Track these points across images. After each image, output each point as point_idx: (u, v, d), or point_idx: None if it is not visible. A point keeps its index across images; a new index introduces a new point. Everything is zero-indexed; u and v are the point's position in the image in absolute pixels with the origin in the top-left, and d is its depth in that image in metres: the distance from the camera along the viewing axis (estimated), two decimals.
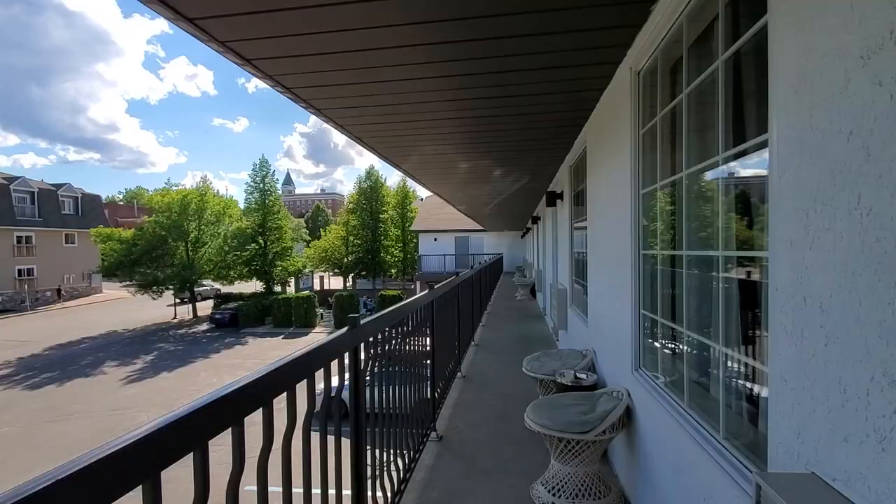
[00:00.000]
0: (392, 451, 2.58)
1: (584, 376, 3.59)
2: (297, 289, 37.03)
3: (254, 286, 35.88)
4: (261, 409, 1.23)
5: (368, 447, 2.21)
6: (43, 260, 38.19)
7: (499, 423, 4.16)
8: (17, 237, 36.52)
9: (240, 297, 32.81)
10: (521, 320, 9.85)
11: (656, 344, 2.53)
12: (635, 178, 2.66)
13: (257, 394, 1.21)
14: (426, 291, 3.45)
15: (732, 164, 1.67)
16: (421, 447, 3.22)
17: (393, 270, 38.82)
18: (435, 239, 26.69)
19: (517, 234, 25.35)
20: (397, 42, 2.60)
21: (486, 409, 4.52)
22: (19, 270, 36.56)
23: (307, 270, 38.65)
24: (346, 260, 38.01)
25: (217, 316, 29.24)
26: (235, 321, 28.76)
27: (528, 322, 9.60)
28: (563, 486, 2.76)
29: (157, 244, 29.60)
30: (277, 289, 35.00)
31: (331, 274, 40.78)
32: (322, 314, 30.33)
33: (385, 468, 2.43)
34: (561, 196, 6.21)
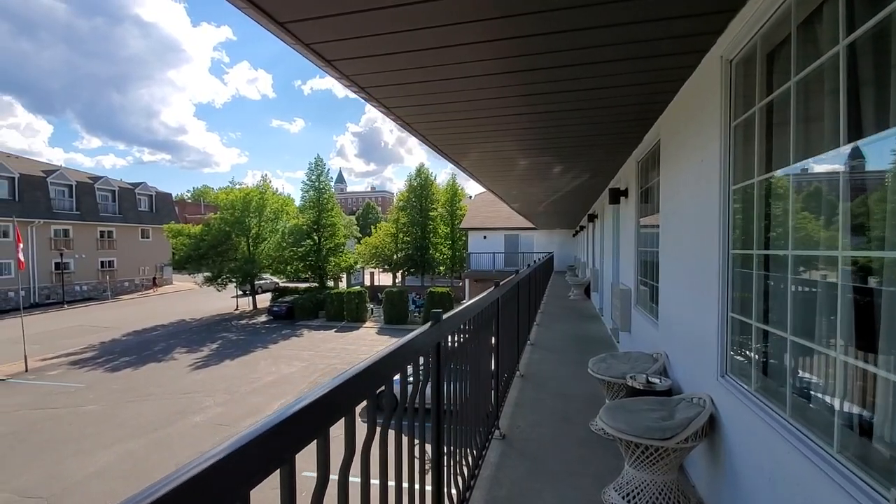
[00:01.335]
0: (461, 448, 2.59)
1: (657, 381, 3.45)
2: (349, 284, 38.14)
3: (308, 281, 37.34)
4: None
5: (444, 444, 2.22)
6: (122, 253, 41.62)
7: (562, 424, 4.07)
8: (101, 232, 40.00)
9: (295, 290, 34.22)
10: (576, 320, 9.61)
11: (748, 350, 2.37)
12: (724, 174, 2.50)
13: (362, 385, 1.23)
14: (492, 289, 3.43)
15: (854, 156, 1.53)
16: (487, 444, 3.21)
17: (441, 268, 39.10)
18: (484, 237, 26.58)
19: (568, 232, 24.79)
20: (472, 38, 2.60)
21: (546, 409, 4.44)
22: (102, 262, 40.03)
23: (358, 266, 39.68)
24: (395, 257, 38.69)
25: (275, 308, 30.63)
26: (291, 314, 30.01)
27: (583, 322, 9.36)
28: (638, 494, 2.66)
29: (222, 239, 31.43)
30: (330, 284, 36.16)
31: (380, 270, 41.65)
32: (372, 309, 31.04)
33: (457, 465, 2.44)
34: (625, 193, 5.99)
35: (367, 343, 23.75)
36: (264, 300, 34.75)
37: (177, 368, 19.55)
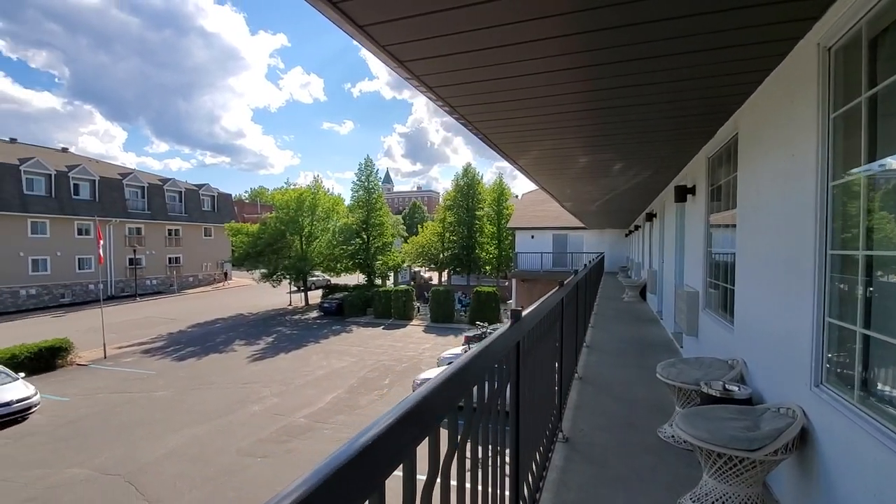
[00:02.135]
0: (531, 450, 2.56)
1: (735, 388, 3.26)
2: (396, 282, 38.80)
3: (357, 278, 38.32)
4: None
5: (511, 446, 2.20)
6: (187, 250, 44.45)
7: (627, 429, 3.94)
8: (168, 230, 42.90)
9: (345, 288, 35.22)
10: (633, 323, 9.29)
11: (850, 358, 2.19)
12: (822, 169, 2.32)
13: (461, 384, 1.23)
14: (557, 289, 3.37)
15: None
16: (552, 447, 3.16)
17: (487, 267, 38.96)
18: (532, 237, 26.21)
19: (620, 232, 23.99)
20: (539, 35, 2.56)
21: (609, 413, 4.31)
22: (169, 258, 42.93)
23: (405, 265, 40.27)
24: (441, 256, 38.94)
25: (325, 305, 31.66)
26: (341, 310, 30.91)
27: (640, 325, 9.03)
28: None
29: (277, 238, 32.87)
30: (378, 282, 36.92)
31: (426, 269, 42.07)
32: (419, 307, 31.40)
33: (526, 466, 2.42)
34: (693, 190, 5.71)
35: (414, 341, 24.06)
36: (315, 297, 36.00)
37: (236, 359, 20.62)
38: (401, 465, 0.88)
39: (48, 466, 10.83)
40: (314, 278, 39.79)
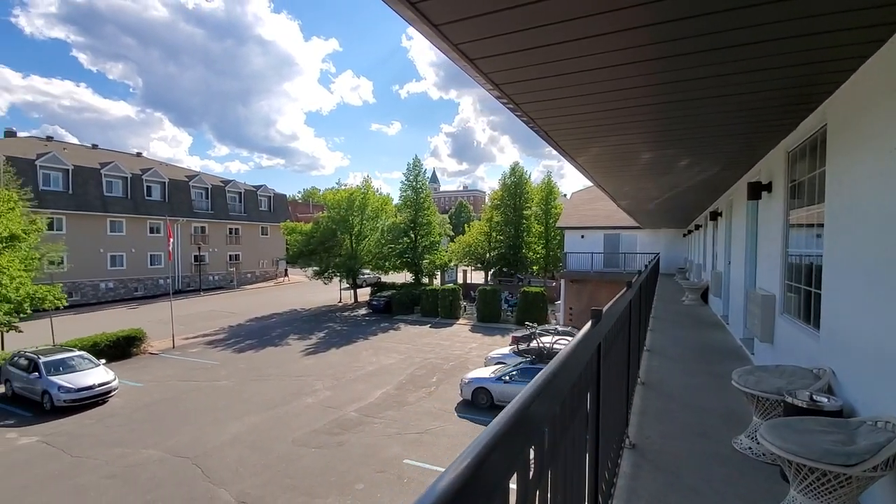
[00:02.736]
0: (602, 457, 2.48)
1: (823, 399, 3.02)
2: (443, 281, 39.03)
3: (404, 277, 38.90)
4: None
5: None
6: (246, 248, 46.89)
7: (698, 438, 3.75)
8: (229, 229, 45.41)
9: (392, 286, 35.85)
10: (695, 327, 8.84)
11: None
12: None
13: (557, 390, 1.19)
14: (625, 290, 3.25)
15: None
16: (621, 453, 3.06)
17: (535, 267, 38.39)
18: (582, 236, 25.53)
19: (677, 232, 22.93)
20: (608, 28, 2.48)
21: (677, 421, 4.12)
22: (230, 256, 45.41)
23: (452, 264, 40.42)
24: (488, 255, 38.77)
25: (374, 302, 32.34)
26: (389, 308, 31.46)
27: (703, 330, 8.58)
28: None
29: (329, 236, 33.95)
30: (425, 280, 37.29)
31: (472, 269, 42.02)
32: (465, 307, 31.42)
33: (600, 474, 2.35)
34: (768, 187, 5.35)
35: (461, 340, 24.11)
36: (364, 294, 36.88)
37: (290, 353, 21.48)
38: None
39: (126, 446, 11.75)
40: (365, 276, 40.84)
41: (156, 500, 9.26)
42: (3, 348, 18.36)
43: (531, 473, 0.94)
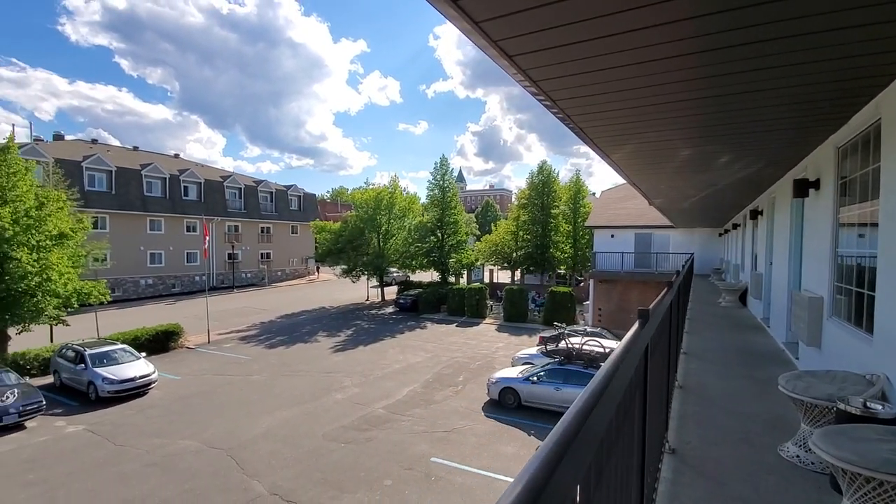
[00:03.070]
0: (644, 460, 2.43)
1: (878, 407, 2.87)
2: (469, 280, 38.98)
3: (430, 276, 39.04)
4: None
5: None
6: (277, 246, 48.04)
7: (741, 445, 3.62)
8: (261, 228, 46.61)
9: (419, 285, 36.04)
10: (734, 330, 8.54)
11: None
12: None
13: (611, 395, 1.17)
14: (666, 290, 3.17)
15: None
16: (661, 457, 2.98)
17: (562, 267, 37.87)
18: (612, 236, 25.04)
19: (712, 231, 22.22)
20: (650, 22, 2.42)
21: (719, 427, 3.99)
22: (261, 254, 46.61)
23: (478, 263, 40.32)
24: (514, 255, 38.49)
25: (401, 301, 32.58)
26: (416, 306, 31.63)
27: (742, 332, 8.28)
28: None
29: (357, 235, 34.40)
30: (451, 279, 37.33)
31: (499, 268, 41.79)
32: (492, 306, 31.30)
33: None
34: (816, 184, 5.11)
35: (488, 339, 24.03)
36: (391, 292, 37.22)
37: (320, 350, 21.87)
38: None
39: (165, 436, 12.21)
40: (394, 274, 41.24)
41: (193, 490, 9.59)
42: (52, 341, 19.39)
43: (592, 481, 0.92)
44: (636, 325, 1.65)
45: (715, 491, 2.91)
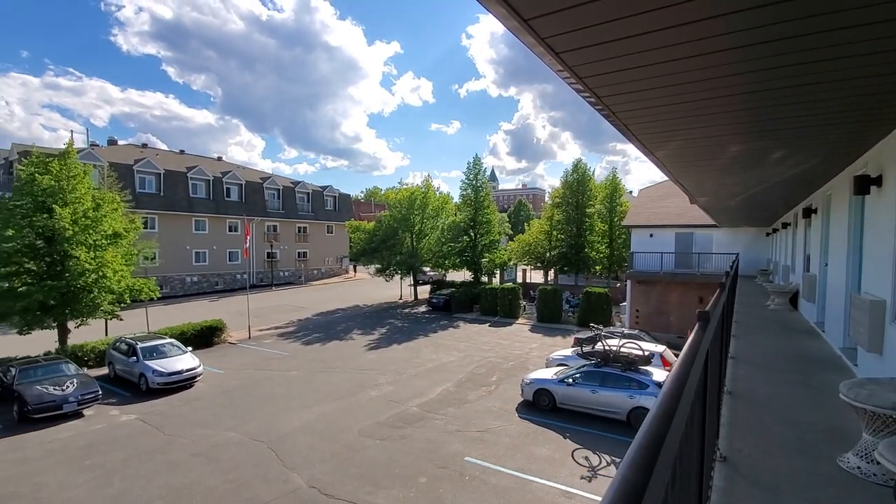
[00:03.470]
0: (703, 467, 2.35)
1: None
2: (502, 280, 38.76)
3: (463, 275, 39.05)
4: None
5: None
6: (313, 245, 49.26)
7: (797, 455, 3.45)
8: (298, 227, 47.91)
9: (451, 284, 36.11)
10: (784, 334, 8.14)
11: None
12: None
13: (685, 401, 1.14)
14: (719, 291, 3.06)
15: None
16: (713, 465, 2.88)
17: (598, 267, 37.09)
18: (651, 235, 24.31)
19: (759, 230, 21.24)
20: (704, 14, 2.33)
21: (772, 435, 3.81)
22: (298, 253, 47.88)
23: (511, 263, 40.03)
24: (548, 254, 37.99)
25: (433, 300, 32.74)
26: (448, 306, 31.71)
27: (794, 337, 7.88)
28: None
29: (391, 235, 34.82)
30: (484, 279, 37.22)
31: (531, 268, 41.35)
32: (525, 306, 31.02)
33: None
34: (877, 181, 4.80)
35: (521, 339, 23.83)
36: (424, 292, 37.46)
37: (354, 347, 22.27)
38: None
39: (210, 428, 12.74)
40: (430, 273, 41.51)
41: (236, 480, 9.96)
42: (106, 334, 20.57)
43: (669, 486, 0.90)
44: (696, 328, 1.60)
45: (770, 502, 2.79)
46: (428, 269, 39.61)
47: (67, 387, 13.81)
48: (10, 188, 21.50)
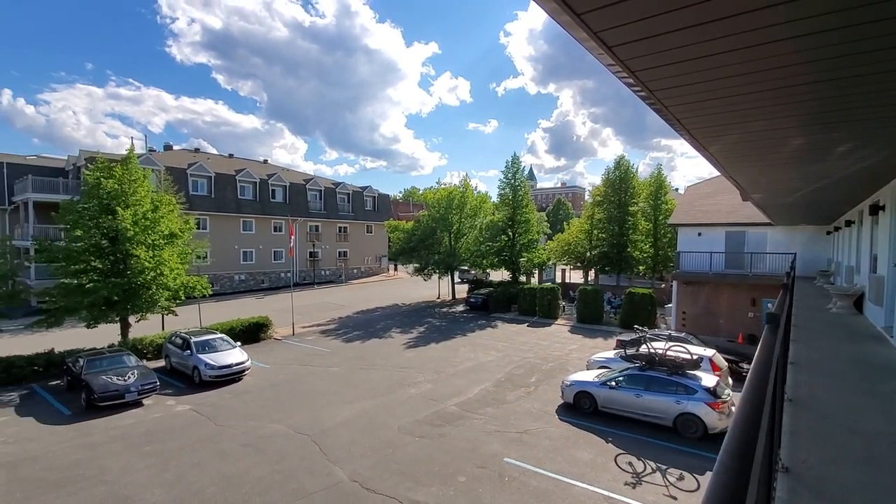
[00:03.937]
0: (770, 476, 2.24)
1: None
2: (541, 280, 38.24)
3: (501, 275, 38.81)
4: None
5: None
6: (353, 245, 50.37)
7: (867, 467, 3.22)
8: (339, 227, 49.11)
9: (489, 283, 35.96)
10: (848, 339, 7.61)
11: None
12: None
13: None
14: (782, 293, 2.90)
15: None
16: (775, 475, 2.74)
17: (641, 267, 35.93)
18: (699, 234, 23.29)
19: (818, 229, 19.96)
20: (765, 3, 2.21)
21: (837, 445, 3.58)
22: (339, 252, 49.07)
23: (550, 263, 39.43)
24: (588, 254, 37.15)
25: (471, 299, 32.71)
26: (486, 305, 31.60)
27: (859, 342, 7.35)
28: None
29: (429, 234, 35.07)
30: (522, 279, 36.84)
31: (571, 268, 40.56)
32: (564, 307, 30.48)
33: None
34: None
35: (560, 340, 23.44)
36: (461, 291, 37.50)
37: (393, 345, 22.58)
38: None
39: (257, 420, 13.27)
40: (469, 273, 41.55)
41: (283, 471, 10.32)
42: (163, 329, 21.83)
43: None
44: (766, 331, 1.53)
45: None
46: (466, 267, 39.59)
47: (129, 377, 14.76)
48: (78, 192, 23.22)
